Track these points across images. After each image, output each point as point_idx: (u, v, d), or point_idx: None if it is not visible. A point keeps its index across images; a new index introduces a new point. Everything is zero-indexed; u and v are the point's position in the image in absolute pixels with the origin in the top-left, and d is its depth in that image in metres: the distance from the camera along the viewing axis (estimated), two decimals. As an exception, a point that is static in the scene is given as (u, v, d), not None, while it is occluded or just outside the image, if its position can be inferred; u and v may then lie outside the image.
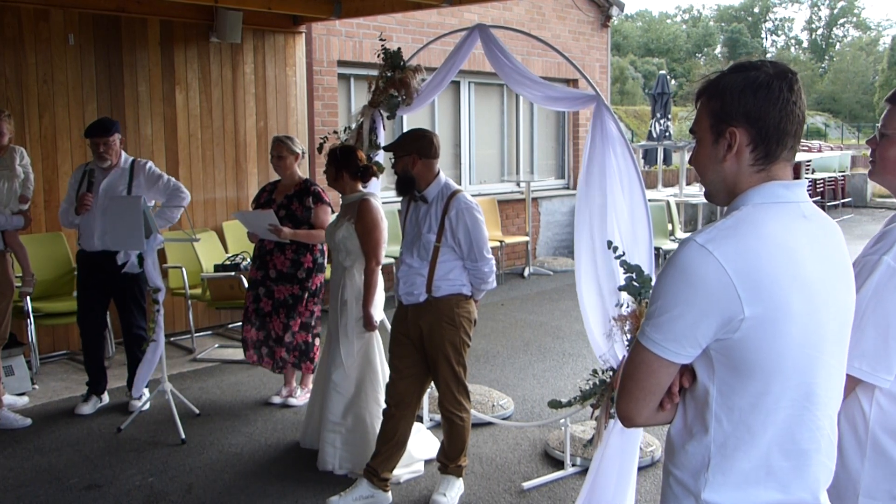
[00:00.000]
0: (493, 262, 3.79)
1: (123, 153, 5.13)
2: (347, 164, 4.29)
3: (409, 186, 3.79)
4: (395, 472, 3.99)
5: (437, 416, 4.47)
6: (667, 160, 15.55)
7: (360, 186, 4.36)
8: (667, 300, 1.49)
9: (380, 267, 4.22)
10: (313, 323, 5.18)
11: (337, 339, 4.23)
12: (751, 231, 1.48)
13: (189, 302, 6.64)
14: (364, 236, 4.18)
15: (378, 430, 4.12)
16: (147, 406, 5.09)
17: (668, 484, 1.60)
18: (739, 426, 1.50)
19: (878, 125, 2.03)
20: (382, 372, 4.31)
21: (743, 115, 1.53)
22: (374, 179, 4.78)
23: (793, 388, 1.50)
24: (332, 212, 5.07)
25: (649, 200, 3.66)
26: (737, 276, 1.44)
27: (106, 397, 5.27)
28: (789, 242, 1.49)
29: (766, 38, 74.50)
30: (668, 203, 10.45)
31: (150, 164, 5.13)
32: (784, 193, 1.54)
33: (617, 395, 1.62)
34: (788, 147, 1.55)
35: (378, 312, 4.30)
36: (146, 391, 5.21)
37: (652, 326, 1.51)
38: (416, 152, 3.73)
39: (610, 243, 3.61)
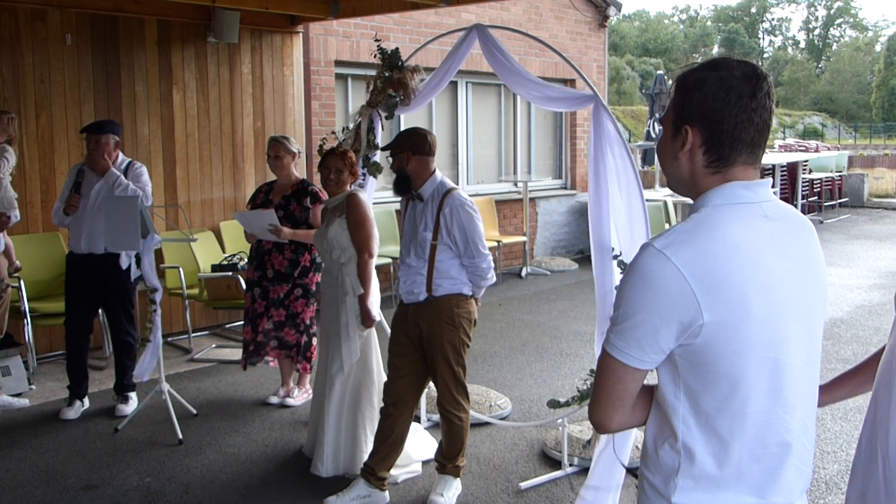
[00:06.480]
0: (491, 257, 3.78)
1: (121, 155, 5.11)
2: (354, 165, 4.29)
3: (406, 185, 3.79)
4: (393, 472, 3.99)
5: (436, 416, 4.47)
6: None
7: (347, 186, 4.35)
8: (628, 307, 1.48)
9: (373, 260, 4.16)
10: (309, 322, 5.17)
11: (337, 339, 4.19)
12: (709, 234, 1.47)
13: (186, 302, 6.64)
14: (354, 229, 4.14)
15: (370, 434, 4.12)
16: (134, 409, 5.08)
17: (643, 487, 1.61)
18: (707, 430, 1.50)
19: None
20: (378, 374, 4.29)
21: (699, 116, 1.52)
22: (371, 178, 4.77)
23: (759, 392, 1.49)
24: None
25: (646, 200, 3.66)
26: (695, 282, 1.43)
27: (87, 401, 5.25)
28: (748, 244, 1.48)
29: (763, 39, 74.61)
30: (665, 203, 10.47)
31: (143, 168, 5.12)
32: (744, 194, 1.53)
33: (590, 402, 1.62)
34: (745, 153, 1.53)
35: (375, 310, 4.28)
36: (134, 396, 5.22)
37: (615, 333, 1.50)
38: (409, 149, 3.74)
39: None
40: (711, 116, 1.51)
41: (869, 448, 1.86)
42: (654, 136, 13.55)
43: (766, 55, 70.19)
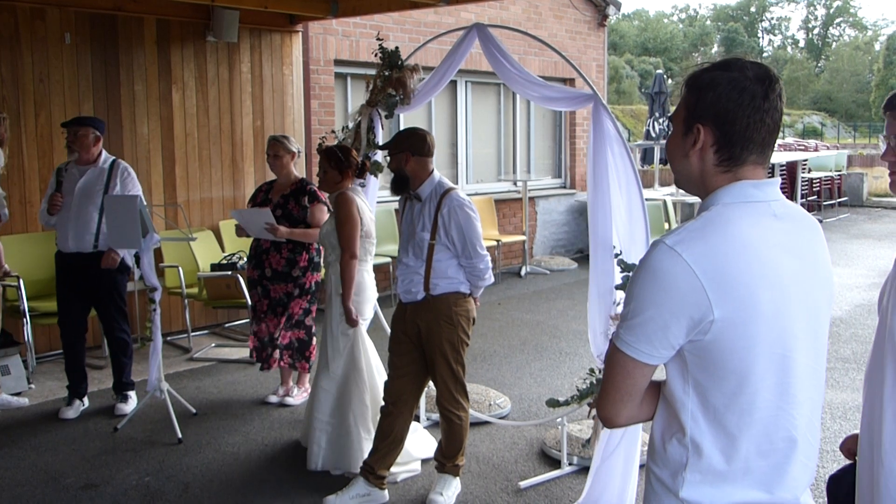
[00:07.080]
0: (489, 257, 3.77)
1: (104, 153, 5.10)
2: (349, 164, 4.29)
3: (404, 185, 3.78)
4: (392, 470, 3.99)
5: (435, 415, 4.47)
6: (669, 159, 15.54)
7: (345, 183, 4.34)
8: (638, 303, 1.50)
9: (355, 261, 4.17)
10: (308, 321, 5.18)
11: (324, 337, 4.27)
12: (719, 232, 1.49)
13: (186, 301, 6.64)
14: (337, 229, 4.18)
15: (364, 432, 4.14)
16: (133, 408, 5.08)
17: (650, 482, 1.62)
18: (715, 425, 1.51)
19: (883, 134, 2.01)
20: (369, 372, 4.30)
21: (712, 115, 1.54)
22: (373, 178, 4.77)
23: (767, 388, 1.50)
24: (329, 210, 5.07)
25: (646, 199, 3.66)
26: (706, 278, 1.45)
27: (86, 401, 5.25)
28: (757, 242, 1.50)
29: (763, 38, 74.64)
30: (664, 202, 10.46)
31: (128, 168, 5.11)
32: (754, 193, 1.55)
33: (598, 397, 1.63)
34: (756, 153, 1.55)
35: (367, 309, 4.29)
36: (133, 395, 5.23)
37: (625, 329, 1.52)
38: (408, 150, 3.73)
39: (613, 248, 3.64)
40: (725, 116, 1.53)
41: (868, 451, 1.86)
42: (653, 135, 13.55)
43: (765, 54, 70.19)
